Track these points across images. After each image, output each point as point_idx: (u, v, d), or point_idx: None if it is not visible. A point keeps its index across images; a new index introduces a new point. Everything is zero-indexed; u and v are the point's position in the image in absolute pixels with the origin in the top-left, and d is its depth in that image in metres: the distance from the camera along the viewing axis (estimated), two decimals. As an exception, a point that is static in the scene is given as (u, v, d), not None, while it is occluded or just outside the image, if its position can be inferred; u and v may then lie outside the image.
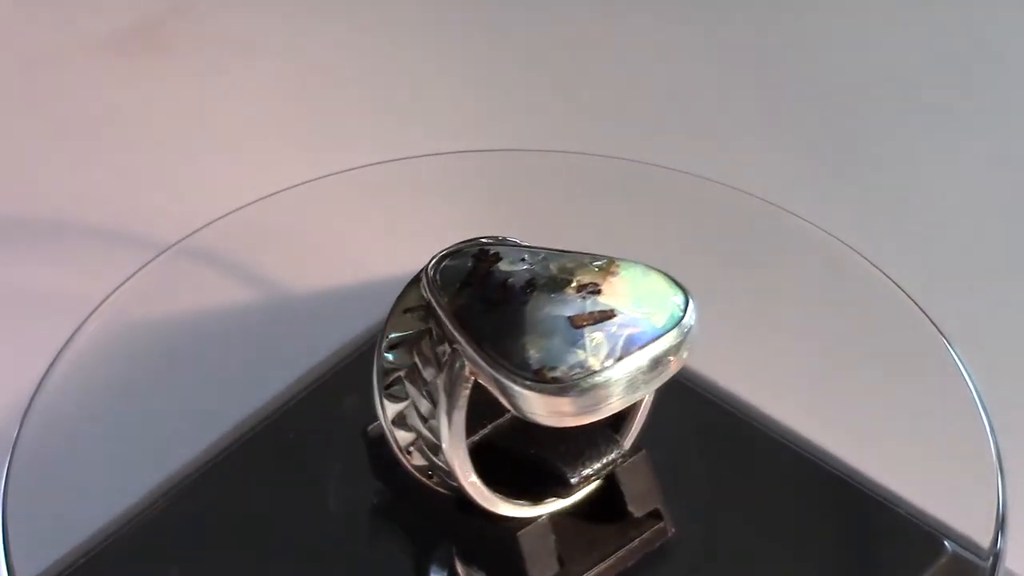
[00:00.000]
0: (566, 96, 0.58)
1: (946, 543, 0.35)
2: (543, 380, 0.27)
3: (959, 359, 0.36)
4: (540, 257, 0.29)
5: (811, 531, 0.35)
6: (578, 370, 0.27)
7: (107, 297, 0.39)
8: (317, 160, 0.50)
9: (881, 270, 0.39)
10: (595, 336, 0.27)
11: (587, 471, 0.31)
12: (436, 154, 0.43)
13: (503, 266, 0.29)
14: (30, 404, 0.36)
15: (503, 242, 0.30)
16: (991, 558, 0.33)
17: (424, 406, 0.30)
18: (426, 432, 0.30)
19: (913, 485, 0.36)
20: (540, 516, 0.31)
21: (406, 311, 0.30)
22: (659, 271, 0.28)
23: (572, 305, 0.28)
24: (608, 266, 0.28)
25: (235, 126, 0.56)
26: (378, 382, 0.31)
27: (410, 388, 0.30)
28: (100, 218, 0.52)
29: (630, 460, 0.32)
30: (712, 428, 0.38)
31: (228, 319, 0.43)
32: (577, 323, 0.27)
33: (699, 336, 0.28)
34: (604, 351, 0.27)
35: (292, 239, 0.45)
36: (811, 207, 0.41)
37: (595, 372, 0.27)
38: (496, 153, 0.45)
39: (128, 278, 0.39)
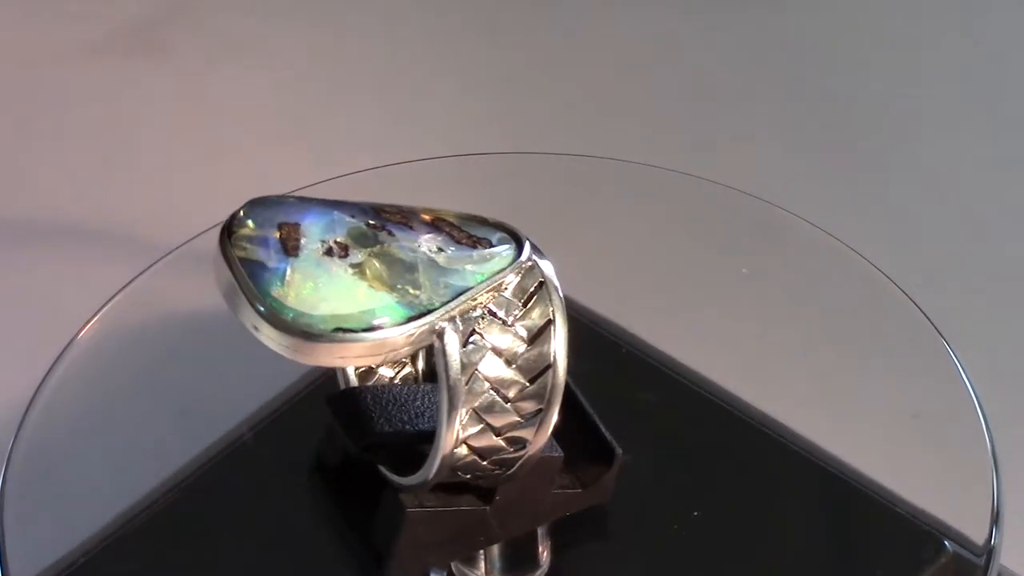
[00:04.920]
0: (566, 98, 0.58)
1: (945, 542, 0.35)
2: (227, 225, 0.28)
3: (957, 359, 0.36)
4: (419, 245, 0.29)
5: (809, 530, 0.35)
6: (234, 222, 0.28)
7: (109, 299, 0.39)
8: (318, 163, 0.50)
9: (881, 270, 0.39)
10: (284, 237, 0.28)
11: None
12: (436, 157, 0.43)
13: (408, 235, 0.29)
14: (30, 404, 0.36)
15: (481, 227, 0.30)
16: (985, 555, 0.33)
17: None
18: None
19: (912, 484, 0.36)
20: None
21: None
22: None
23: (314, 232, 0.28)
24: (367, 262, 0.28)
25: (235, 128, 0.56)
26: None
27: None
28: (102, 220, 0.52)
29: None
30: (710, 427, 0.38)
31: (228, 321, 0.43)
32: (282, 228, 0.28)
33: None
34: (250, 234, 0.28)
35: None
36: (811, 207, 0.41)
37: (232, 234, 0.28)
38: (496, 156, 0.45)
39: (130, 280, 0.39)
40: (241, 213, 0.29)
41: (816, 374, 0.40)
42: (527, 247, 0.29)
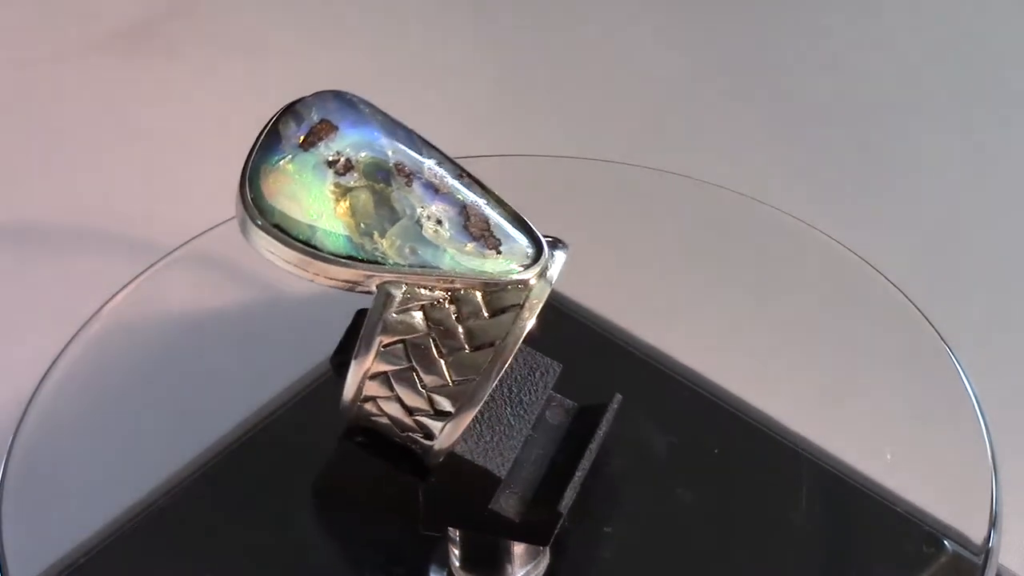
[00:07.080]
0: (566, 98, 0.58)
1: (945, 542, 0.35)
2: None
3: (956, 360, 0.36)
4: (423, 208, 0.29)
5: (809, 530, 0.35)
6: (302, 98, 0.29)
7: (109, 299, 0.39)
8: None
9: (880, 272, 0.39)
10: (313, 130, 0.29)
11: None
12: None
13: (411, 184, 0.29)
14: (30, 403, 0.36)
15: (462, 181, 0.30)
16: (984, 554, 0.33)
17: None
18: None
19: (912, 484, 0.36)
20: None
21: None
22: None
23: (342, 142, 0.29)
24: (356, 190, 0.29)
25: (236, 128, 0.56)
26: None
27: None
28: (103, 220, 0.52)
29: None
30: (711, 427, 0.38)
31: (228, 321, 0.43)
32: (322, 123, 0.29)
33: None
34: (299, 111, 0.30)
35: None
36: (810, 209, 0.42)
37: (291, 106, 0.29)
38: (495, 159, 0.45)
39: (130, 280, 0.39)
40: (311, 95, 0.30)
41: (816, 374, 0.40)
42: (530, 271, 0.28)
